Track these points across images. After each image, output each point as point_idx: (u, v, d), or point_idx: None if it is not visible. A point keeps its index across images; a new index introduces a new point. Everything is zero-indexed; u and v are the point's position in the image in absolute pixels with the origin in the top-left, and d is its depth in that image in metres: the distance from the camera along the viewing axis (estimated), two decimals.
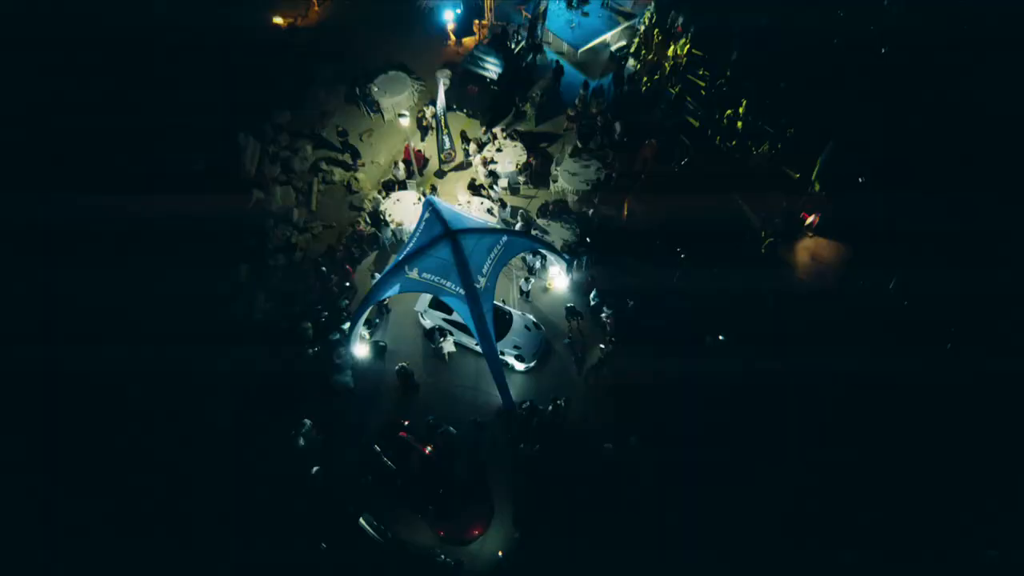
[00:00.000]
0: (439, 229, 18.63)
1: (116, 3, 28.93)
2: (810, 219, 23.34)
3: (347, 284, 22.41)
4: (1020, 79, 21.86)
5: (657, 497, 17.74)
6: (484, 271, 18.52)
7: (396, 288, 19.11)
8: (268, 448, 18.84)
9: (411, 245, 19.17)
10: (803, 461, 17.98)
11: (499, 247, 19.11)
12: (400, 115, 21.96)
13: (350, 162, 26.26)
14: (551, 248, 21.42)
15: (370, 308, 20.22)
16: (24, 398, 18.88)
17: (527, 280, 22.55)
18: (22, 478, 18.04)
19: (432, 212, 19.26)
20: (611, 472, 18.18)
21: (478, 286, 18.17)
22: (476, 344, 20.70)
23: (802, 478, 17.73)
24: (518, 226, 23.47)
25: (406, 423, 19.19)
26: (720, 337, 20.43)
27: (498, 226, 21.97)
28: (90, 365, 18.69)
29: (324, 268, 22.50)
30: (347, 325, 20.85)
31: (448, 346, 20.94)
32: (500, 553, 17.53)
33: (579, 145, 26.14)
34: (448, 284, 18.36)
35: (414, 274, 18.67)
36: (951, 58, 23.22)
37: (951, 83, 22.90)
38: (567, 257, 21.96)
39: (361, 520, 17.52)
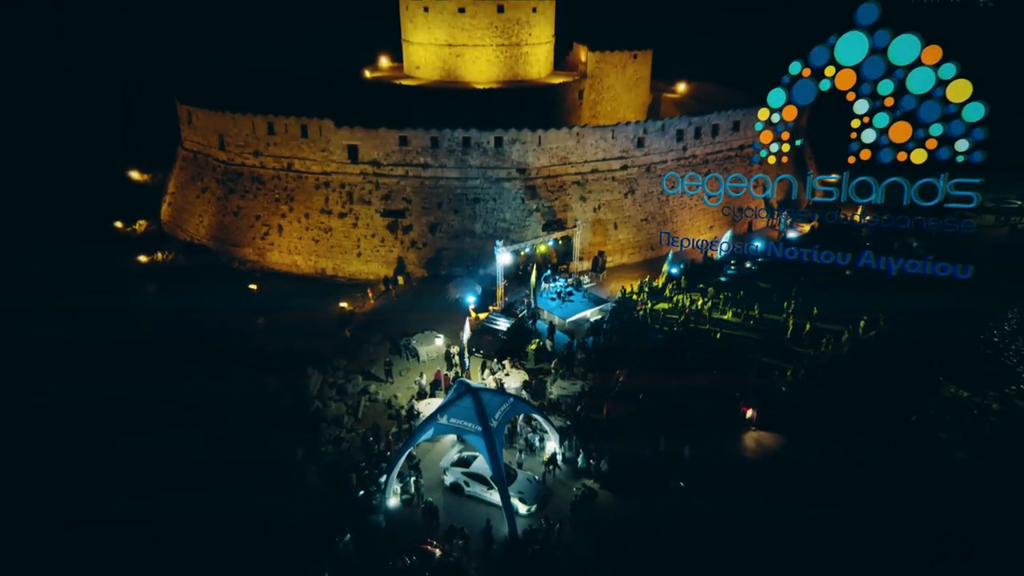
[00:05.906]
0: (464, 389, 25.89)
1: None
2: (749, 413, 30.07)
3: (388, 452, 28.16)
4: None
5: None
6: (496, 417, 25.15)
7: (431, 432, 25.51)
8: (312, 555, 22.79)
9: (444, 402, 26.15)
10: None
11: (507, 404, 26.13)
12: (435, 336, 30.77)
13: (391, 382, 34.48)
14: (543, 415, 28.05)
15: (404, 459, 26.01)
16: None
17: (527, 456, 28.34)
18: None
19: (459, 383, 26.74)
20: None
21: (492, 424, 24.59)
22: (487, 492, 25.77)
23: None
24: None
25: (431, 540, 23.28)
26: (681, 484, 25.65)
27: None
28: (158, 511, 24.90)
29: (371, 439, 28.62)
30: (383, 478, 26.18)
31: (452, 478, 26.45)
32: None
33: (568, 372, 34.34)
34: (469, 425, 24.77)
35: (444, 419, 25.26)
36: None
37: None
38: (560, 429, 28.30)
39: None
